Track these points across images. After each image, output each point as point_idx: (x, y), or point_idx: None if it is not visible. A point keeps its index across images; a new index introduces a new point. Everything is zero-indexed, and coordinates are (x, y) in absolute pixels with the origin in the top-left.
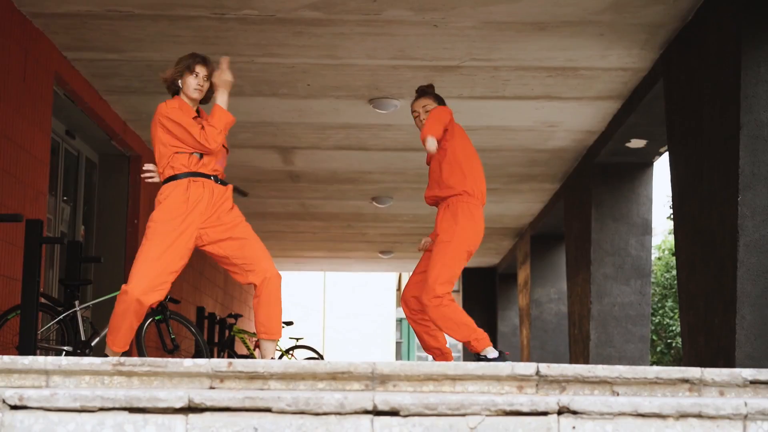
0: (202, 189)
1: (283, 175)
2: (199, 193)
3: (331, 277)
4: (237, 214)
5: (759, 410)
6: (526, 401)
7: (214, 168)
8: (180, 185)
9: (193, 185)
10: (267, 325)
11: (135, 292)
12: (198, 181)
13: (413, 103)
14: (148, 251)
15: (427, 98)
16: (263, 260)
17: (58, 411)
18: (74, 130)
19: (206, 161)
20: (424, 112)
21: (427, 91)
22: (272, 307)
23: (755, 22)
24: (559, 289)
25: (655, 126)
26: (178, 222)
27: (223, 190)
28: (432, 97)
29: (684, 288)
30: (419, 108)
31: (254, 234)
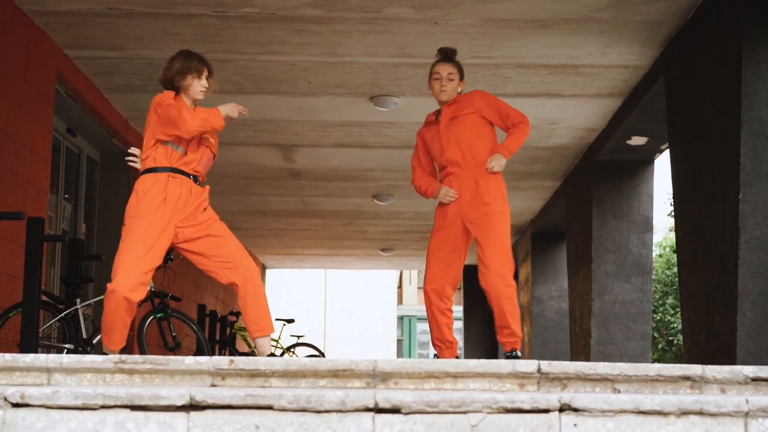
0: (180, 187)
1: (284, 172)
2: (177, 190)
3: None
4: (211, 213)
5: (760, 407)
6: (528, 399)
7: (195, 168)
8: (159, 180)
9: (171, 181)
10: (259, 323)
11: (122, 289)
12: (177, 178)
13: (438, 65)
14: (133, 248)
15: (453, 66)
16: (242, 258)
17: (59, 409)
18: (75, 128)
19: (188, 160)
20: (448, 80)
21: (453, 57)
22: (259, 303)
23: (756, 20)
24: (560, 286)
25: (656, 123)
26: (158, 220)
27: (200, 190)
28: (458, 67)
29: (685, 285)
30: (443, 73)
31: (230, 232)
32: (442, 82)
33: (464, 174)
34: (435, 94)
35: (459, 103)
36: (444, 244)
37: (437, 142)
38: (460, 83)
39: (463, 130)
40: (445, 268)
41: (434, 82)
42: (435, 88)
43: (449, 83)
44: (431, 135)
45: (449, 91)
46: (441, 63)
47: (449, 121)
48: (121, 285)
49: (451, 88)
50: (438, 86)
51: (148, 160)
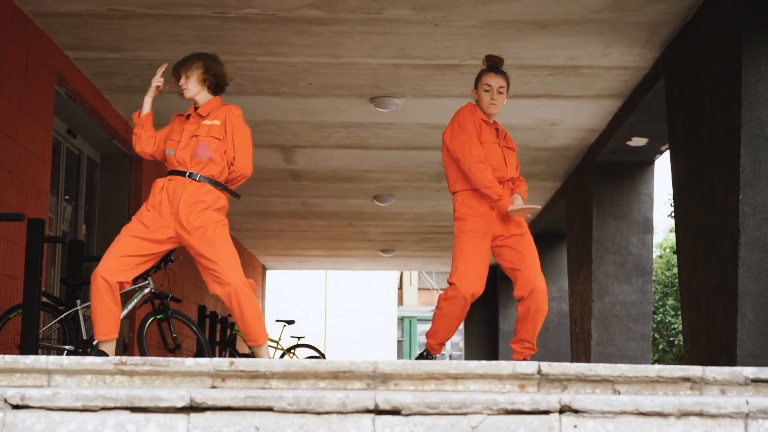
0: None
1: (284, 173)
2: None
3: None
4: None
5: (761, 409)
6: (528, 400)
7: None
8: (157, 184)
9: (167, 185)
10: (249, 334)
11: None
12: (173, 180)
13: (488, 76)
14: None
15: (504, 79)
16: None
17: (59, 410)
18: (76, 129)
19: (179, 158)
20: (498, 93)
21: (501, 68)
22: (245, 317)
23: (756, 21)
24: (561, 287)
25: (656, 124)
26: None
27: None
28: (507, 80)
29: (685, 286)
30: (495, 86)
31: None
32: (492, 95)
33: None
34: (484, 106)
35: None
36: (484, 252)
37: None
38: (506, 96)
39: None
40: (483, 276)
41: (483, 93)
42: (485, 99)
43: (500, 96)
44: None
45: (499, 104)
46: (492, 74)
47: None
48: (99, 267)
49: (500, 102)
50: (488, 99)
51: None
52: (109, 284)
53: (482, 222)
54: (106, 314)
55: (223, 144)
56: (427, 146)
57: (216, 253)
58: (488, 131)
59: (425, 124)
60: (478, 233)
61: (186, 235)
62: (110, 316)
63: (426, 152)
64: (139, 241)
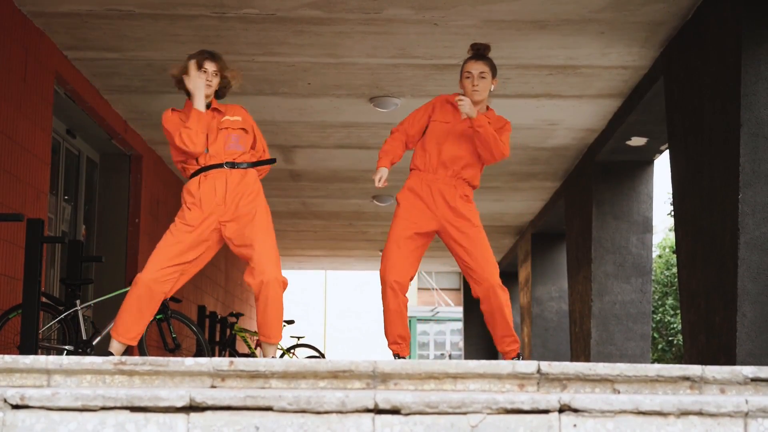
0: (214, 182)
1: (283, 173)
2: (211, 187)
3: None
4: (255, 206)
5: (760, 408)
6: (528, 399)
7: (224, 157)
8: (192, 184)
9: (203, 180)
10: (266, 329)
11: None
12: (209, 175)
13: (469, 63)
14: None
15: (486, 64)
16: (266, 262)
17: (59, 410)
18: (75, 130)
19: (213, 153)
20: (480, 78)
21: (485, 54)
22: (268, 311)
23: (755, 20)
24: (560, 287)
25: (656, 124)
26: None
27: (238, 176)
28: (490, 65)
29: (685, 286)
30: (475, 71)
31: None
32: (473, 80)
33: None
34: (467, 93)
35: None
36: (411, 241)
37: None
38: (492, 81)
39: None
40: (411, 262)
41: (465, 80)
42: (467, 87)
43: (481, 81)
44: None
45: (482, 90)
46: (473, 60)
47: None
48: (148, 276)
49: (483, 87)
50: (470, 85)
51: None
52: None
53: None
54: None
55: (249, 137)
56: None
57: (259, 242)
58: (450, 117)
59: None
60: (404, 216)
61: (231, 223)
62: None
63: None
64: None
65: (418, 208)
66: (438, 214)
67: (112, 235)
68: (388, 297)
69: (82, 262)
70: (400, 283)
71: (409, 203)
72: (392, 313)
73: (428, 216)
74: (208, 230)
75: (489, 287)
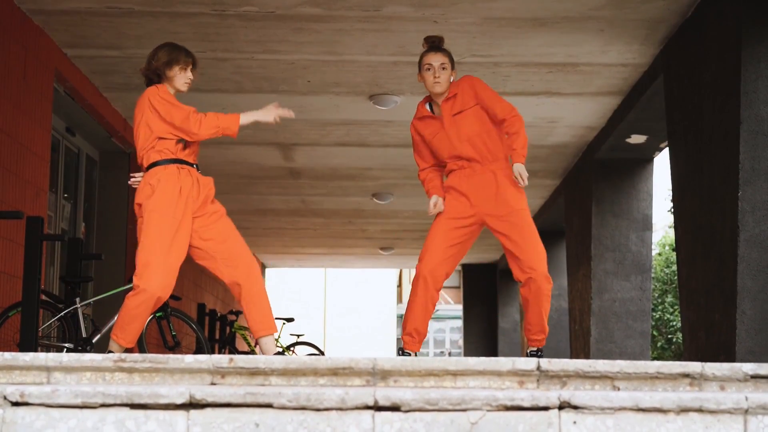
0: (190, 176)
1: (283, 171)
2: (189, 180)
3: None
4: (219, 206)
5: (760, 405)
6: (527, 396)
7: (195, 158)
8: (170, 171)
9: (182, 172)
10: (263, 322)
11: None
12: (185, 169)
13: (427, 55)
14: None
15: (444, 55)
16: (244, 256)
17: (59, 407)
18: (74, 127)
19: (189, 152)
20: (441, 69)
21: (441, 46)
22: (262, 302)
23: (755, 18)
24: (560, 284)
25: (656, 122)
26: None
27: (206, 180)
28: (448, 56)
29: (684, 283)
30: (435, 63)
31: (235, 229)
32: (435, 72)
33: (483, 169)
34: (428, 86)
35: (459, 97)
36: (454, 233)
37: (443, 139)
38: (452, 72)
39: (472, 126)
40: (449, 258)
41: (426, 73)
42: (428, 79)
43: (442, 73)
44: (431, 132)
45: (443, 81)
46: (431, 53)
47: (452, 117)
48: (153, 284)
49: (444, 79)
50: (431, 78)
51: (151, 153)
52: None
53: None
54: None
55: None
56: None
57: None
58: (433, 123)
59: None
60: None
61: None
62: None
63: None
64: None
65: (459, 201)
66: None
67: (111, 233)
68: (419, 288)
69: (82, 259)
70: (434, 276)
71: (451, 197)
72: (416, 305)
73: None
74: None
75: (536, 277)
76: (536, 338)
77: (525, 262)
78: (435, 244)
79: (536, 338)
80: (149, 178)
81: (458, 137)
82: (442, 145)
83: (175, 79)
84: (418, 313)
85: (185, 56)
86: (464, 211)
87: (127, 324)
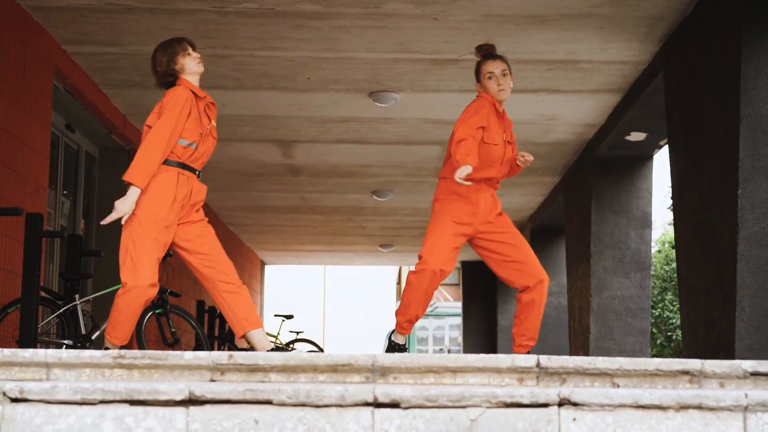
0: (187, 185)
1: (283, 168)
2: (185, 189)
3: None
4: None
5: (759, 402)
6: (527, 393)
7: (203, 162)
8: (170, 176)
9: (181, 179)
10: (249, 318)
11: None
12: (185, 175)
13: (488, 63)
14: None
15: (503, 62)
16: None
17: (58, 404)
18: (74, 124)
19: (198, 154)
20: (502, 76)
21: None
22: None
23: (755, 15)
24: (559, 282)
25: (655, 119)
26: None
27: (201, 189)
28: (507, 62)
29: (684, 281)
30: (497, 71)
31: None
32: (498, 80)
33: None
34: (493, 94)
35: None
36: (457, 239)
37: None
38: (511, 78)
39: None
40: (451, 259)
41: (488, 81)
42: (492, 88)
43: (505, 80)
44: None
45: (507, 88)
46: (491, 60)
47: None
48: (145, 281)
49: (508, 85)
50: (495, 86)
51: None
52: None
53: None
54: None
55: None
56: (426, 141)
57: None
58: (499, 126)
59: (424, 119)
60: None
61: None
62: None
63: (425, 147)
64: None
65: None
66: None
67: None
68: (426, 279)
69: (81, 256)
70: (443, 272)
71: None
72: (421, 294)
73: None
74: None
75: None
76: (528, 344)
77: (531, 266)
78: (444, 243)
79: (528, 344)
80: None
81: (500, 161)
82: (493, 156)
83: (187, 67)
84: (422, 301)
85: (178, 43)
86: (468, 223)
87: (120, 323)
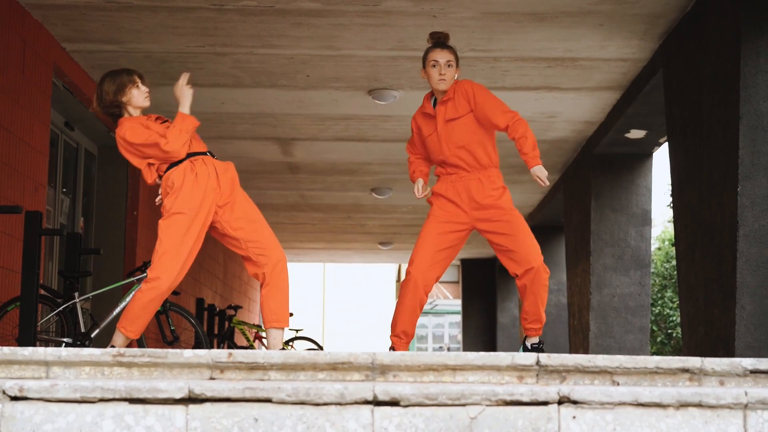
0: (205, 165)
1: (282, 166)
2: (205, 170)
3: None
4: (243, 193)
5: (759, 399)
6: (527, 391)
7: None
8: (183, 167)
9: (196, 163)
10: (277, 312)
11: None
12: (198, 159)
13: (434, 51)
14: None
15: (450, 52)
16: (274, 245)
17: (58, 402)
18: (73, 122)
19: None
20: (446, 66)
21: (447, 43)
22: (283, 293)
23: (754, 12)
24: (559, 280)
25: (655, 116)
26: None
27: (225, 165)
28: (454, 53)
29: (684, 278)
30: (441, 60)
31: (263, 217)
32: (440, 69)
33: (469, 176)
34: (433, 83)
35: (452, 103)
36: (444, 238)
37: (435, 141)
38: (456, 70)
39: (464, 135)
40: (439, 261)
41: (431, 69)
42: (433, 76)
43: (448, 70)
44: (427, 131)
45: (448, 79)
46: (437, 49)
47: (445, 123)
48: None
49: (450, 76)
50: (436, 75)
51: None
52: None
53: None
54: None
55: None
56: None
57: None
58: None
59: None
60: (437, 220)
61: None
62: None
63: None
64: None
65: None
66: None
67: (110, 228)
68: (408, 290)
69: (81, 254)
70: (425, 279)
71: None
72: (405, 307)
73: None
74: (210, 215)
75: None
76: (533, 327)
77: (522, 255)
78: (425, 247)
79: (533, 327)
80: (165, 181)
81: (448, 144)
82: (433, 147)
83: (133, 100)
84: (407, 315)
85: (128, 75)
86: (455, 216)
87: (138, 317)
